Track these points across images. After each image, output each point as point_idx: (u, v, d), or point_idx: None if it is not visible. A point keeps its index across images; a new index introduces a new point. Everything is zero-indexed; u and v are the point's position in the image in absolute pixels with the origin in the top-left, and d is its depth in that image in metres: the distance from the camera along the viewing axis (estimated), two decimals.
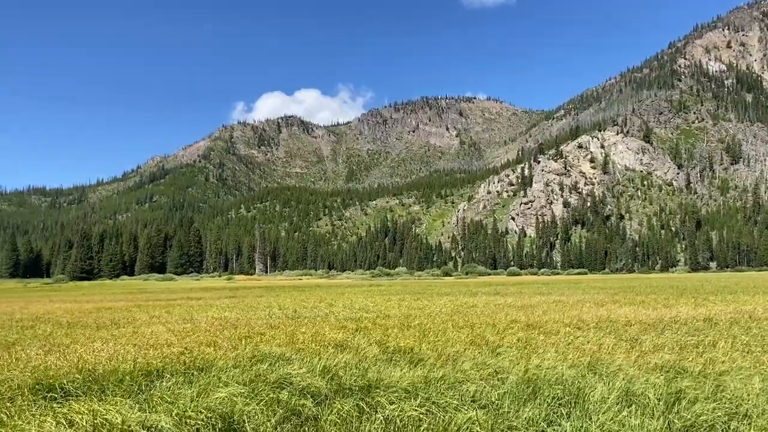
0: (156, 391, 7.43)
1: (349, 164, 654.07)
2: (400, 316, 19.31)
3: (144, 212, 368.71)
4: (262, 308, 25.23)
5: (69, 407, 6.48)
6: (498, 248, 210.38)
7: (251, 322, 17.64)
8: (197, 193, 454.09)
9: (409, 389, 7.62)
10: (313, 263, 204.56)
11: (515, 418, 6.48)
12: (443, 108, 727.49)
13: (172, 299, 37.23)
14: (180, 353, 10.49)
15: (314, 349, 10.93)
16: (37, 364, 9.28)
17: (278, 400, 6.84)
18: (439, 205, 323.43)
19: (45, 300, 41.23)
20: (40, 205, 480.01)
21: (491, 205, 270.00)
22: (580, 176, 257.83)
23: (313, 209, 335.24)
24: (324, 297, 36.11)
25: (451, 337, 12.69)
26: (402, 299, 31.46)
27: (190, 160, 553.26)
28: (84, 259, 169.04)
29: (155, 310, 24.50)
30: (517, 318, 17.69)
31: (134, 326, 16.94)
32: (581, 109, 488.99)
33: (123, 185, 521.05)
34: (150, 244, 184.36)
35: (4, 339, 13.92)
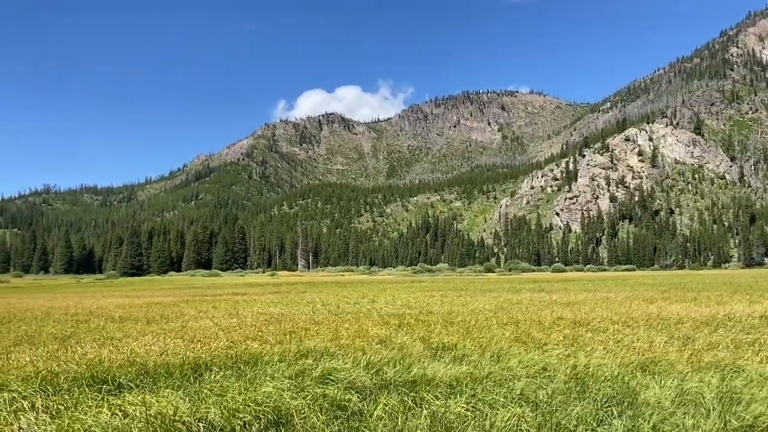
0: (205, 384, 7.57)
1: (389, 160, 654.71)
2: (443, 312, 19.20)
3: (190, 210, 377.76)
4: (305, 304, 25.48)
5: (123, 399, 6.66)
6: (542, 244, 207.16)
7: (295, 317, 17.83)
8: (241, 190, 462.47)
9: (453, 385, 7.58)
10: (354, 259, 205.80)
11: (564, 416, 6.35)
12: (485, 102, 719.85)
13: (218, 295, 37.99)
14: (227, 347, 10.68)
15: (358, 344, 10.95)
16: (92, 357, 9.58)
17: (324, 395, 6.88)
18: (481, 201, 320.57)
19: (98, 295, 42.65)
20: (92, 204, 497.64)
21: (535, 201, 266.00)
22: (628, 170, 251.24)
23: (354, 206, 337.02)
24: (366, 293, 36.23)
25: (495, 334, 12.54)
26: (444, 295, 31.29)
27: (234, 158, 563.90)
28: (134, 255, 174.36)
29: (202, 305, 25.03)
30: (563, 315, 17.36)
31: (182, 321, 17.33)
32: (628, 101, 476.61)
33: (170, 183, 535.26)
34: (196, 241, 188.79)
35: (60, 332, 14.43)
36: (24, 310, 23.70)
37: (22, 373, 8.26)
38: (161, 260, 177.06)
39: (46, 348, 11.08)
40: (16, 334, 14.35)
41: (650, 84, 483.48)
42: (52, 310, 23.81)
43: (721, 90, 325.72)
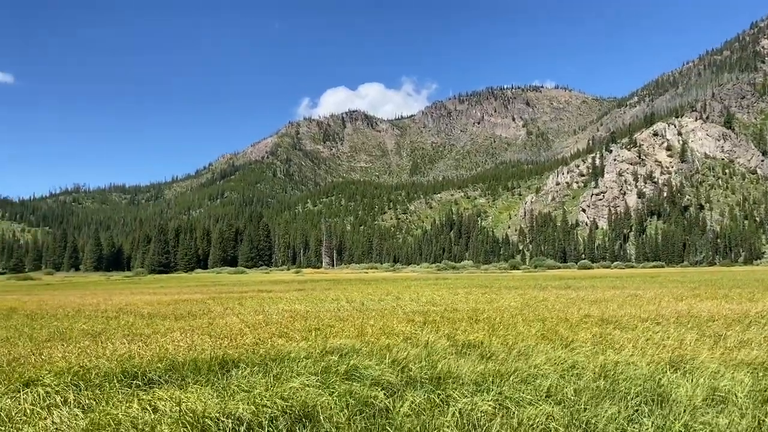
0: (233, 380, 7.64)
1: (413, 157, 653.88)
2: (468, 309, 19.10)
3: (216, 208, 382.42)
4: (330, 301, 25.57)
5: (153, 394, 6.76)
6: (568, 241, 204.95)
7: (320, 314, 17.90)
8: (265, 188, 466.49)
9: (480, 383, 7.54)
10: (378, 257, 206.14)
11: (593, 414, 6.28)
12: (509, 98, 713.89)
13: (244, 292, 38.35)
14: (253, 344, 10.77)
15: (383, 341, 10.95)
16: (122, 352, 9.74)
17: (350, 392, 6.89)
18: (506, 198, 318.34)
19: (126, 292, 43.40)
20: (120, 202, 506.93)
21: (560, 197, 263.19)
22: (656, 165, 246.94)
23: (378, 203, 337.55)
24: (390, 290, 36.23)
25: (521, 332, 12.44)
26: (469, 293, 31.13)
27: (258, 156, 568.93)
28: (161, 253, 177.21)
29: (228, 302, 25.29)
30: (590, 312, 17.13)
31: (209, 317, 17.52)
32: (656, 95, 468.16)
33: (196, 182, 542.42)
34: (222, 239, 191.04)
35: (91, 329, 14.70)
36: (56, 307, 24.22)
37: (55, 368, 8.43)
38: (188, 258, 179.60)
39: (77, 344, 11.30)
40: (49, 330, 14.66)
41: (679, 77, 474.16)
42: (83, 306, 24.29)
43: (752, 83, 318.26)
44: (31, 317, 19.30)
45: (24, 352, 10.29)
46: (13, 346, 11.25)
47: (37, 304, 27.53)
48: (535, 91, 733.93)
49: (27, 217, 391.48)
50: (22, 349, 10.77)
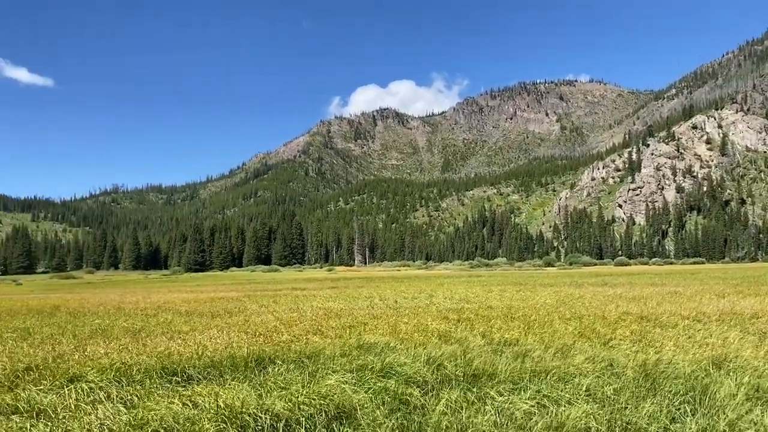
0: (269, 377, 7.72)
1: (444, 154, 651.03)
2: (503, 307, 18.93)
3: (249, 207, 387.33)
4: (363, 298, 25.65)
5: (192, 390, 6.88)
6: (604, 237, 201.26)
7: (354, 312, 17.97)
8: (298, 187, 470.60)
9: (516, 381, 7.47)
10: (410, 254, 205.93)
11: (634, 413, 6.18)
12: (542, 93, 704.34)
13: (278, 290, 38.76)
14: (289, 341, 10.87)
15: (417, 339, 10.94)
16: (162, 349, 9.94)
17: (386, 389, 6.89)
18: (540, 194, 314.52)
19: (164, 290, 44.32)
20: (157, 202, 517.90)
21: (596, 192, 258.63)
22: (695, 159, 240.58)
23: (410, 200, 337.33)
24: (423, 288, 36.16)
25: (558, 329, 12.27)
26: (503, 290, 30.86)
27: (290, 155, 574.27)
28: (197, 251, 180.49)
29: (263, 300, 25.60)
30: (628, 310, 16.80)
31: (245, 315, 17.76)
32: (695, 87, 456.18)
33: (230, 182, 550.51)
34: (256, 237, 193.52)
35: (131, 326, 15.05)
36: (97, 305, 24.88)
37: (98, 364, 8.65)
38: (223, 256, 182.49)
39: (118, 341, 11.57)
40: (91, 327, 15.06)
41: (718, 69, 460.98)
42: (122, 304, 24.90)
43: None
44: (74, 315, 19.86)
45: (68, 348, 10.59)
46: (57, 343, 11.59)
47: (79, 302, 28.33)
48: (569, 86, 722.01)
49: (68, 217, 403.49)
50: (66, 345, 11.08)
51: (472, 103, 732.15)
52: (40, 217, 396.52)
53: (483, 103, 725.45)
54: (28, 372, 8.45)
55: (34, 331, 14.37)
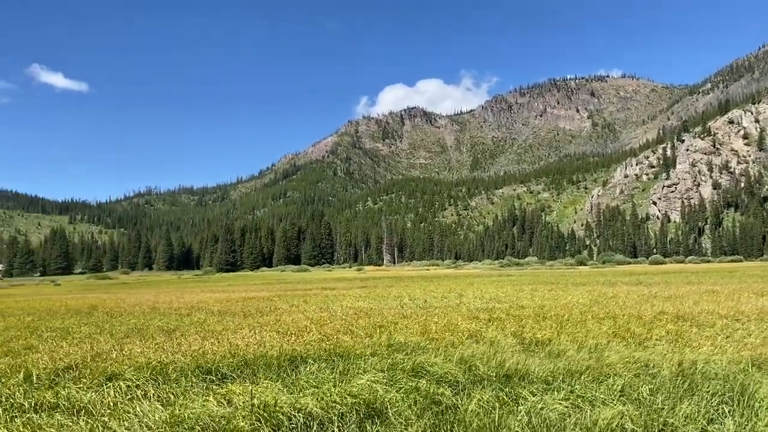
0: (301, 375, 7.79)
1: (473, 153, 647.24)
2: (534, 306, 18.75)
3: (279, 207, 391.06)
4: (392, 298, 25.68)
5: (227, 388, 6.99)
6: (638, 235, 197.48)
7: (383, 311, 17.99)
8: (326, 187, 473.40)
9: (549, 382, 7.40)
10: (439, 253, 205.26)
11: (671, 414, 6.08)
12: (573, 89, 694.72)
13: (308, 289, 39.06)
14: (320, 340, 10.95)
15: (448, 339, 10.91)
16: (196, 348, 10.11)
17: (417, 389, 6.89)
18: (571, 192, 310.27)
19: (197, 290, 45.06)
20: (189, 203, 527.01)
21: (629, 190, 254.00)
22: (732, 154, 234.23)
23: (438, 199, 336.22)
24: (453, 287, 36.03)
25: (591, 329, 12.11)
26: (534, 289, 30.55)
27: (319, 156, 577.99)
28: (228, 252, 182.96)
29: (293, 300, 25.82)
30: (664, 309, 16.48)
31: (276, 314, 17.94)
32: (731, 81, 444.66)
33: (260, 182, 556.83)
34: (285, 238, 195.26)
35: (166, 326, 15.35)
36: (133, 305, 25.43)
37: (135, 363, 8.85)
38: (253, 256, 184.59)
39: (154, 340, 11.81)
40: (127, 326, 15.41)
41: (755, 62, 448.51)
42: (157, 304, 25.39)
43: None
44: (111, 314, 20.34)
45: (105, 347, 10.85)
46: (95, 342, 11.88)
47: (115, 302, 29.00)
48: (601, 81, 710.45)
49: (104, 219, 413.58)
50: (104, 344, 11.35)
51: (501, 101, 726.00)
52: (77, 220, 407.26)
53: (512, 101, 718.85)
54: (68, 370, 8.68)
55: (72, 331, 14.76)
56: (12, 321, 18.58)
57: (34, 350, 10.93)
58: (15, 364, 9.19)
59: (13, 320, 18.91)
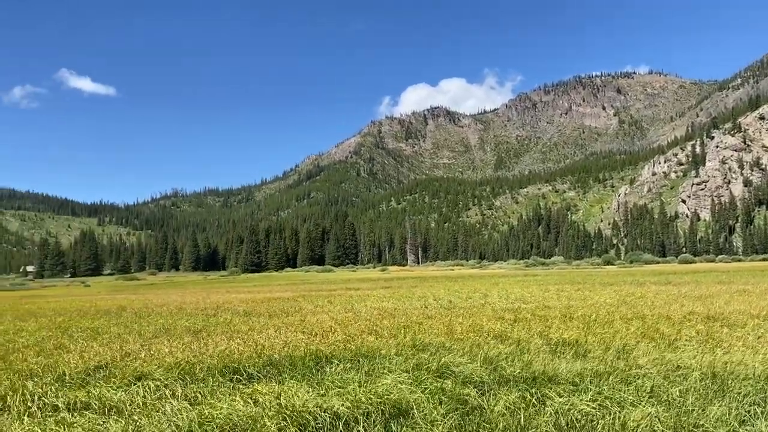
0: (327, 375, 7.83)
1: (497, 152, 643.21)
2: (561, 307, 18.56)
3: (303, 208, 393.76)
4: (416, 298, 25.65)
5: (253, 388, 7.06)
6: (666, 234, 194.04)
7: (408, 312, 17.99)
8: (350, 187, 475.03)
9: (577, 383, 7.33)
10: (463, 253, 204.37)
11: (701, 416, 5.98)
12: (598, 86, 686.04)
13: (333, 290, 39.23)
14: (345, 341, 10.99)
15: (473, 339, 10.86)
16: (223, 348, 10.22)
17: (442, 389, 6.88)
18: (597, 190, 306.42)
19: (222, 291, 45.58)
20: (214, 205, 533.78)
21: (657, 188, 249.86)
22: (763, 151, 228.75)
23: (462, 199, 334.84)
24: (478, 287, 35.86)
25: (619, 330, 11.95)
26: (561, 289, 30.24)
27: (342, 156, 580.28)
28: (253, 252, 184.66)
29: (318, 300, 25.96)
30: (694, 309, 16.18)
31: (301, 315, 18.06)
32: (761, 76, 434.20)
33: (284, 183, 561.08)
34: (309, 238, 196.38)
35: (193, 326, 15.56)
36: (160, 305, 25.83)
37: (163, 363, 8.99)
38: (278, 257, 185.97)
39: (181, 340, 11.98)
40: (155, 327, 15.66)
41: None
42: (184, 305, 25.76)
43: None
44: (139, 315, 20.70)
45: (134, 347, 11.04)
46: (124, 342, 12.10)
47: (143, 302, 29.49)
48: (627, 78, 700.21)
49: (131, 221, 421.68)
50: (133, 344, 11.55)
51: (525, 99, 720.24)
52: (106, 222, 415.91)
53: (536, 99, 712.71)
54: (98, 370, 8.86)
55: (102, 331, 15.05)
56: (44, 321, 19.02)
57: (65, 350, 11.16)
58: (47, 363, 9.40)
59: (45, 321, 19.35)
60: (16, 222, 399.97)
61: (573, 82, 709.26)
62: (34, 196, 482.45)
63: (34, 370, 8.87)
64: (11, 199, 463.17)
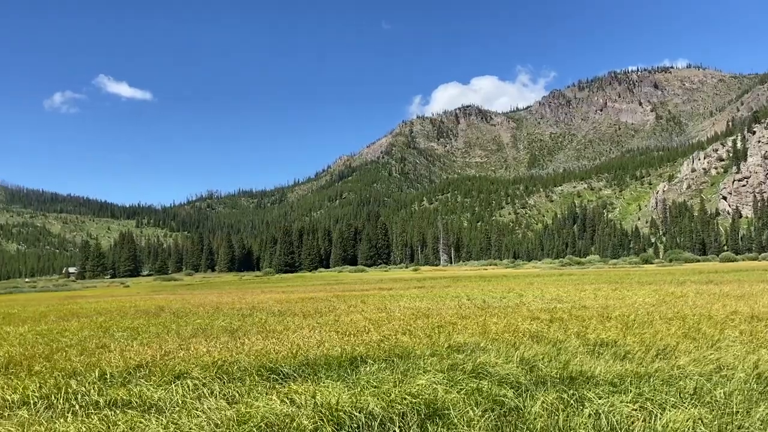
0: (361, 375, 7.85)
1: (530, 150, 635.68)
2: (598, 306, 18.24)
3: (335, 209, 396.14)
4: (450, 298, 25.55)
5: (289, 388, 7.12)
6: (707, 232, 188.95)
7: (441, 311, 17.92)
8: (382, 188, 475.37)
9: (616, 384, 7.20)
10: (497, 253, 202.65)
11: (746, 418, 5.83)
12: (635, 81, 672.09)
13: (365, 290, 39.34)
14: (378, 341, 11.00)
15: (508, 339, 10.76)
16: (258, 348, 10.35)
17: (478, 389, 6.82)
18: (634, 188, 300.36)
19: (257, 291, 46.15)
20: (248, 206, 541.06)
21: (697, 184, 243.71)
22: None
23: (495, 198, 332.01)
24: (512, 287, 35.51)
25: (659, 330, 11.68)
26: (597, 289, 29.72)
27: (373, 156, 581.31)
28: (286, 253, 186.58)
29: (351, 300, 26.07)
30: (737, 309, 15.72)
31: (335, 315, 18.16)
32: None
33: (316, 184, 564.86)
34: (342, 239, 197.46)
35: (229, 325, 15.81)
36: (197, 306, 26.30)
37: (201, 362, 9.15)
38: (311, 257, 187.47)
39: (218, 340, 12.17)
40: (193, 326, 15.95)
41: None
42: (220, 305, 26.17)
43: None
44: (177, 315, 21.12)
45: (173, 347, 11.26)
46: (163, 342, 12.36)
47: (180, 302, 30.07)
48: (664, 72, 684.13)
49: (168, 222, 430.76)
50: (171, 344, 11.79)
51: (559, 96, 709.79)
52: (144, 223, 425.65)
53: (570, 95, 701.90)
54: (138, 369, 9.06)
55: (142, 331, 15.41)
56: (86, 321, 19.55)
57: (107, 349, 11.45)
58: (90, 362, 9.65)
59: (87, 321, 19.90)
60: (59, 225, 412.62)
61: (608, 78, 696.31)
62: (76, 199, 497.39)
63: (77, 369, 9.11)
64: (54, 203, 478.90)
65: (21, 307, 34.34)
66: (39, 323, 19.93)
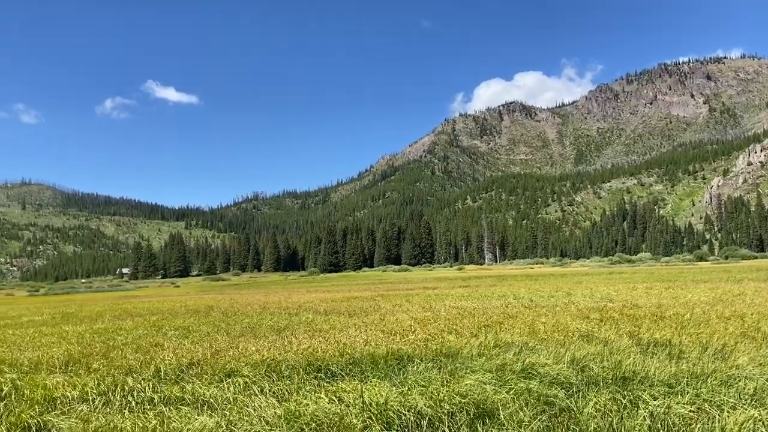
0: (409, 375, 7.83)
1: (577, 146, 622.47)
2: (650, 305, 17.71)
3: (378, 208, 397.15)
4: (496, 297, 25.27)
5: (337, 386, 7.17)
6: (765, 227, 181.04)
7: (488, 311, 17.72)
8: (425, 187, 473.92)
9: (672, 384, 6.98)
10: (543, 251, 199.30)
11: None
12: (686, 73, 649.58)
13: (410, 289, 39.33)
14: (425, 340, 10.96)
15: (557, 339, 10.56)
16: (306, 347, 10.46)
17: (528, 390, 6.72)
18: (687, 183, 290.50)
19: (302, 290, 46.75)
20: (293, 207, 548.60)
21: (754, 179, 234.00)
22: None
23: (541, 195, 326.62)
24: (560, 286, 34.88)
25: (716, 329, 11.25)
26: (650, 287, 28.89)
27: (416, 156, 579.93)
28: (330, 253, 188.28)
29: (396, 299, 26.08)
30: None
31: (380, 314, 18.19)
32: None
33: (359, 184, 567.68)
34: (386, 238, 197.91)
35: (276, 325, 16.05)
36: (245, 305, 26.81)
37: (250, 360, 9.31)
38: (355, 257, 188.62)
39: (266, 339, 12.37)
40: (241, 325, 16.28)
41: None
42: (267, 304, 26.61)
43: None
44: (226, 314, 21.58)
45: (223, 345, 11.50)
46: (213, 340, 12.65)
47: (229, 302, 30.72)
48: (717, 63, 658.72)
49: (216, 224, 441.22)
50: (221, 343, 12.05)
51: (606, 90, 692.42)
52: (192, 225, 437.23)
53: (618, 89, 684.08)
54: (190, 367, 9.29)
55: (192, 329, 15.81)
56: (139, 320, 20.20)
57: (160, 347, 11.77)
58: (145, 360, 9.95)
59: (141, 320, 20.55)
60: (112, 227, 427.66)
61: (658, 70, 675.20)
62: (128, 202, 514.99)
63: (133, 367, 9.41)
64: (107, 206, 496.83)
65: (78, 306, 35.78)
66: (96, 322, 20.71)
